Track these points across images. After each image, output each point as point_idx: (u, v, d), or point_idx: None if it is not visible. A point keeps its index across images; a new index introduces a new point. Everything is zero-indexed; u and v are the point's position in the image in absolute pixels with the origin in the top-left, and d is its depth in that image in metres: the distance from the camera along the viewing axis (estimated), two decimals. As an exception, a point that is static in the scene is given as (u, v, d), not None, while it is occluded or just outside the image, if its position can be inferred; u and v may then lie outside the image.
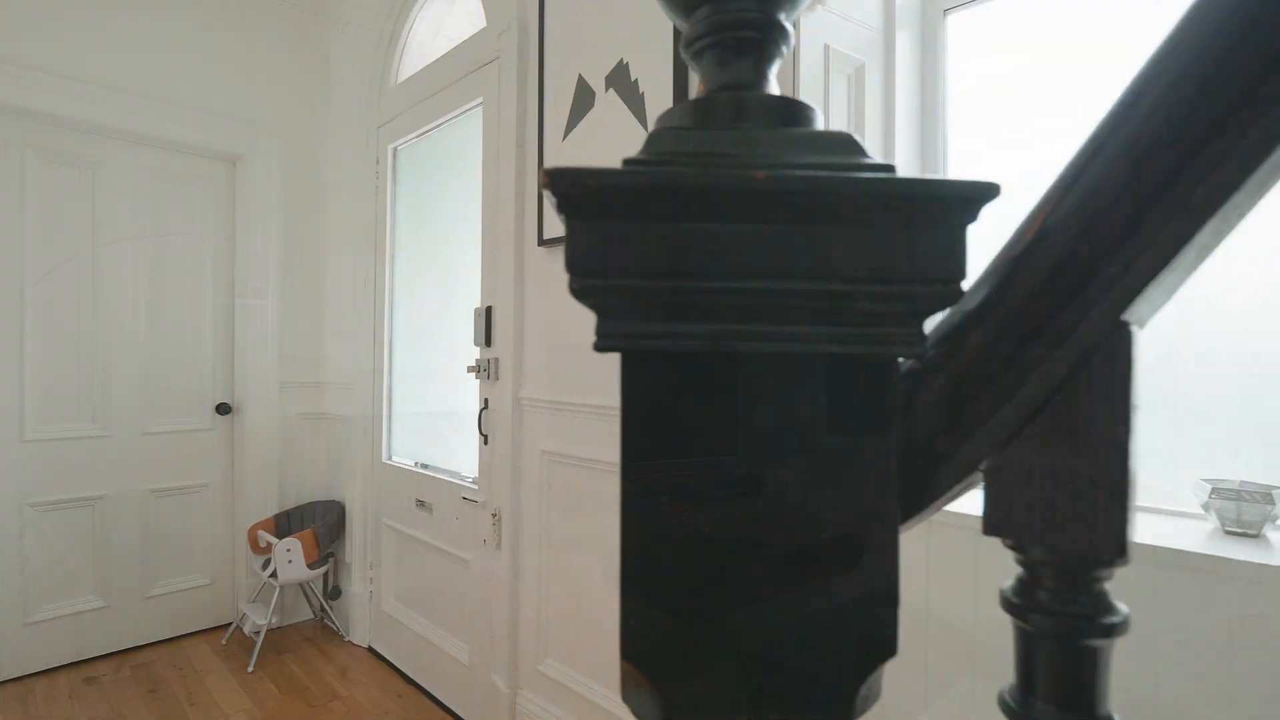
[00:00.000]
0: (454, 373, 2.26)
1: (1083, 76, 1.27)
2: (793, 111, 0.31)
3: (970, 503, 0.38)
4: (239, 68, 2.68)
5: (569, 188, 0.24)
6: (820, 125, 0.32)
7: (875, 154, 0.53)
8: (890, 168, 0.27)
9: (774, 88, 0.33)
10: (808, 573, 0.27)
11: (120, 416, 2.49)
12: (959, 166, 1.47)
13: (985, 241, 0.34)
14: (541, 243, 1.79)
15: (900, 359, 0.29)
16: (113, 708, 2.16)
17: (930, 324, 0.28)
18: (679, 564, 0.27)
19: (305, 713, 2.14)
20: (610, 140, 1.62)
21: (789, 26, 0.33)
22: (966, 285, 0.28)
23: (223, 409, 2.70)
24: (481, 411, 1.99)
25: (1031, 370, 0.30)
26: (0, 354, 2.24)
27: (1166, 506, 1.12)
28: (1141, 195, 0.27)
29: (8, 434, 2.26)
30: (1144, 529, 1.01)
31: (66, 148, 2.36)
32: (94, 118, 2.33)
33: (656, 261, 0.25)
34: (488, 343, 1.99)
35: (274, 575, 2.44)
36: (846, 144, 0.29)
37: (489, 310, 1.98)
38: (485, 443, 1.99)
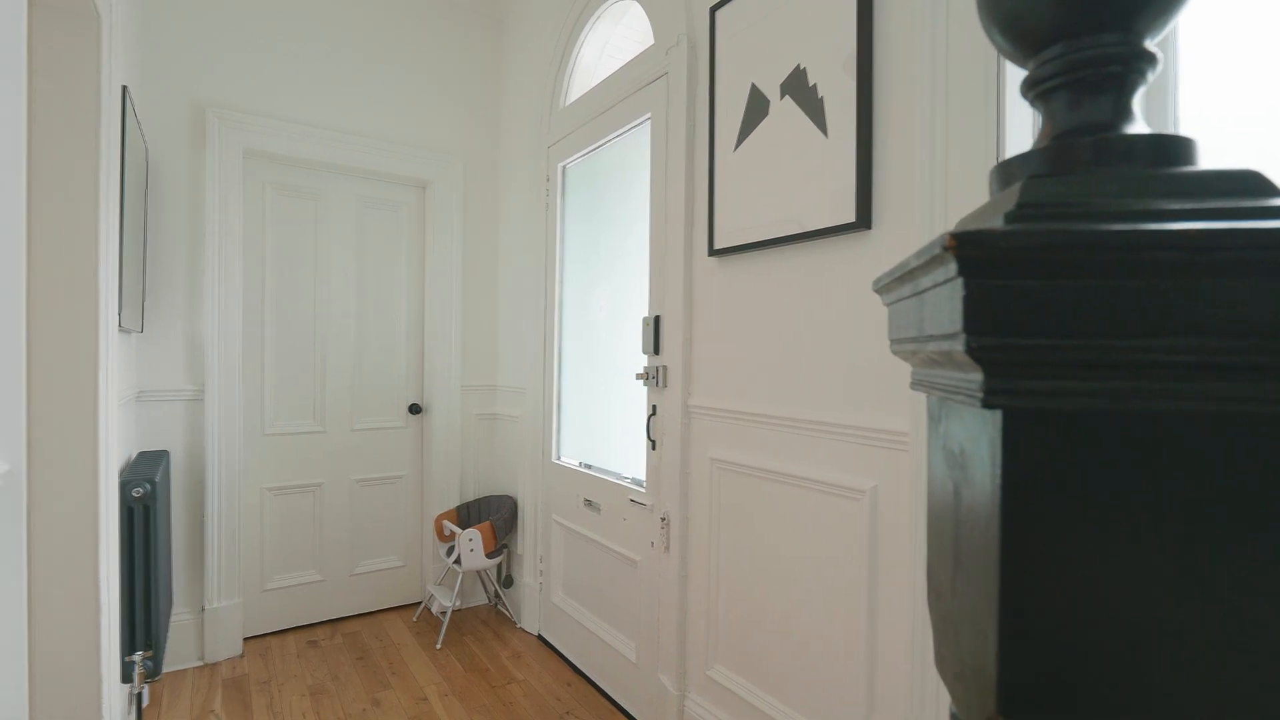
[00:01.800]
0: (620, 379, 2.35)
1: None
2: (1170, 149, 0.30)
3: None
4: (430, 104, 2.98)
5: (977, 249, 0.25)
6: (1200, 160, 0.30)
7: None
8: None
9: (1139, 122, 0.31)
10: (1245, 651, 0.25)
11: (334, 415, 2.86)
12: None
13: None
14: (713, 253, 1.81)
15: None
16: (330, 669, 2.48)
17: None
18: (1078, 642, 0.26)
19: (487, 691, 2.33)
20: (786, 148, 1.60)
21: (1156, 51, 0.31)
22: None
23: (414, 409, 3.02)
24: (650, 418, 2.05)
25: None
26: (248, 361, 2.67)
27: None
28: None
29: (253, 429, 2.68)
30: None
31: (296, 182, 2.76)
32: (318, 155, 2.70)
33: (1061, 319, 0.25)
34: (656, 351, 2.04)
35: (457, 562, 2.68)
36: (1253, 184, 0.27)
37: (657, 319, 2.04)
38: (653, 448, 2.05)
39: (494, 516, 2.85)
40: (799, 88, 1.58)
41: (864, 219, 1.41)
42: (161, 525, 1.99)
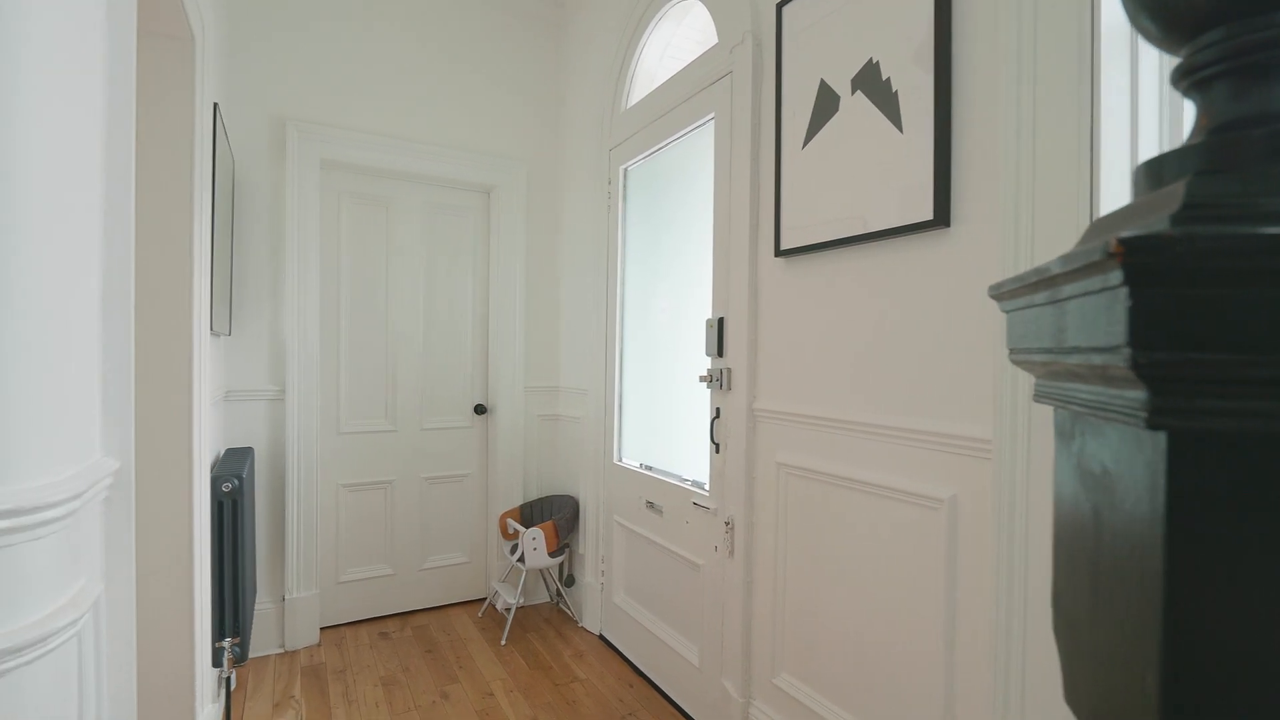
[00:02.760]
0: (681, 381, 2.34)
1: None
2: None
3: None
4: (495, 112, 3.04)
5: (1149, 256, 0.23)
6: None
7: None
8: None
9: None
10: None
11: (404, 414, 2.95)
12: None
13: None
14: (779, 253, 1.78)
15: None
16: (401, 661, 2.56)
17: None
18: (1253, 690, 0.24)
19: (551, 689, 2.35)
20: (857, 145, 1.55)
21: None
22: None
23: (479, 409, 3.09)
24: (713, 421, 2.03)
25: None
26: (325, 363, 2.79)
27: None
28: None
29: (329, 427, 2.80)
30: None
31: (369, 190, 2.87)
32: (389, 164, 2.80)
33: (1245, 332, 0.22)
34: (720, 353, 2.02)
35: (521, 560, 2.73)
36: None
37: (721, 321, 2.02)
38: (716, 451, 2.03)
39: (556, 516, 2.88)
40: (871, 82, 1.53)
41: (942, 217, 1.35)
42: (248, 518, 2.10)
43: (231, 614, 1.93)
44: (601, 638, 2.76)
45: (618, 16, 2.70)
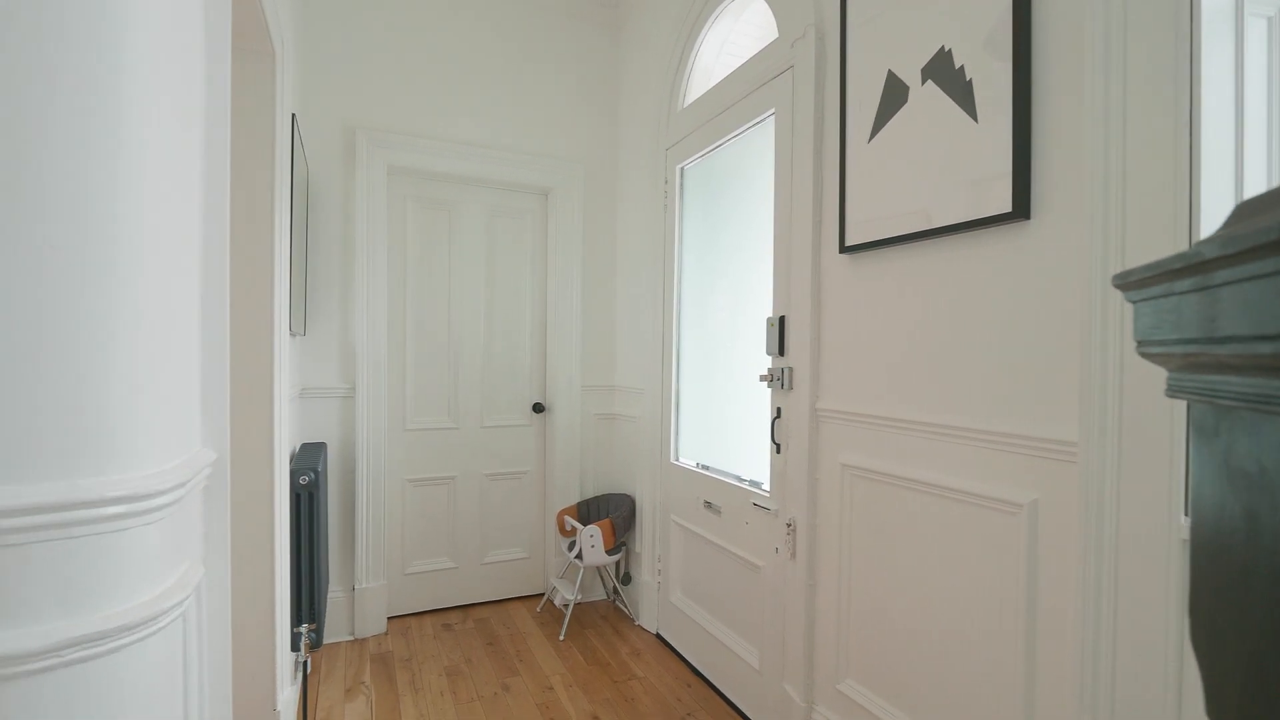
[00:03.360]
0: (739, 380, 2.31)
1: None
2: None
3: None
4: (552, 115, 3.09)
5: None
6: None
7: None
8: None
9: None
10: None
11: (466, 412, 3.03)
12: None
13: None
14: (844, 250, 1.74)
15: None
16: (463, 652, 2.62)
17: None
18: None
19: (609, 686, 2.37)
20: (927, 137, 1.51)
21: None
22: None
23: (538, 408, 3.14)
24: (774, 420, 2.00)
25: None
26: (392, 362, 2.88)
27: None
28: None
29: (396, 424, 2.90)
30: None
31: (433, 194, 2.95)
32: (452, 169, 2.87)
33: None
34: (781, 352, 1.99)
35: (579, 556, 2.75)
36: None
37: (782, 320, 1.99)
38: (777, 451, 2.00)
39: (614, 514, 2.90)
40: (943, 71, 1.48)
41: (1022, 208, 1.29)
42: (322, 510, 2.19)
43: (308, 601, 2.02)
44: (658, 636, 2.76)
45: (674, 15, 2.70)
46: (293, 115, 2.11)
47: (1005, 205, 1.32)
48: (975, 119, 1.40)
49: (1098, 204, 1.13)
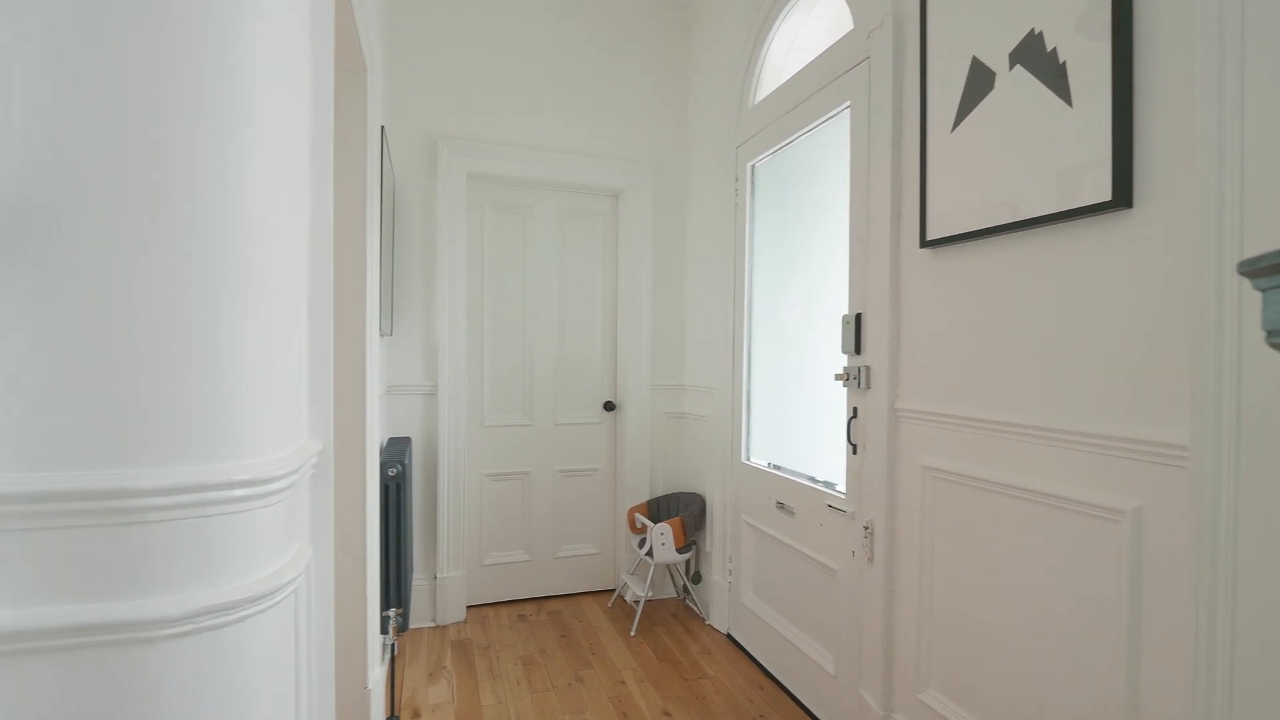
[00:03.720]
0: (813, 379, 2.28)
1: None
2: None
3: None
4: (623, 117, 3.13)
5: None
6: None
7: None
8: None
9: None
10: None
11: (540, 410, 3.11)
12: None
13: None
14: (925, 244, 1.69)
15: None
16: (538, 642, 2.70)
17: None
18: None
19: (680, 683, 2.38)
20: (1016, 124, 1.44)
21: None
22: None
23: (609, 406, 3.19)
24: (850, 420, 1.96)
25: None
26: (470, 361, 3.00)
27: None
28: None
29: (474, 421, 3.01)
30: None
31: (508, 199, 3.05)
32: (527, 173, 2.96)
33: None
34: (857, 350, 1.95)
35: (649, 554, 2.78)
36: None
37: (858, 317, 1.95)
38: (854, 452, 1.96)
39: (684, 513, 2.91)
40: (1034, 55, 1.41)
41: (1123, 196, 1.22)
42: (408, 500, 2.30)
43: (396, 587, 2.13)
44: (729, 637, 2.75)
45: (744, 13, 2.68)
46: (381, 127, 2.23)
47: (1104, 193, 1.25)
48: (1069, 103, 1.33)
49: (1212, 188, 1.06)
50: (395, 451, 2.30)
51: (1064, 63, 1.35)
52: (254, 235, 0.81)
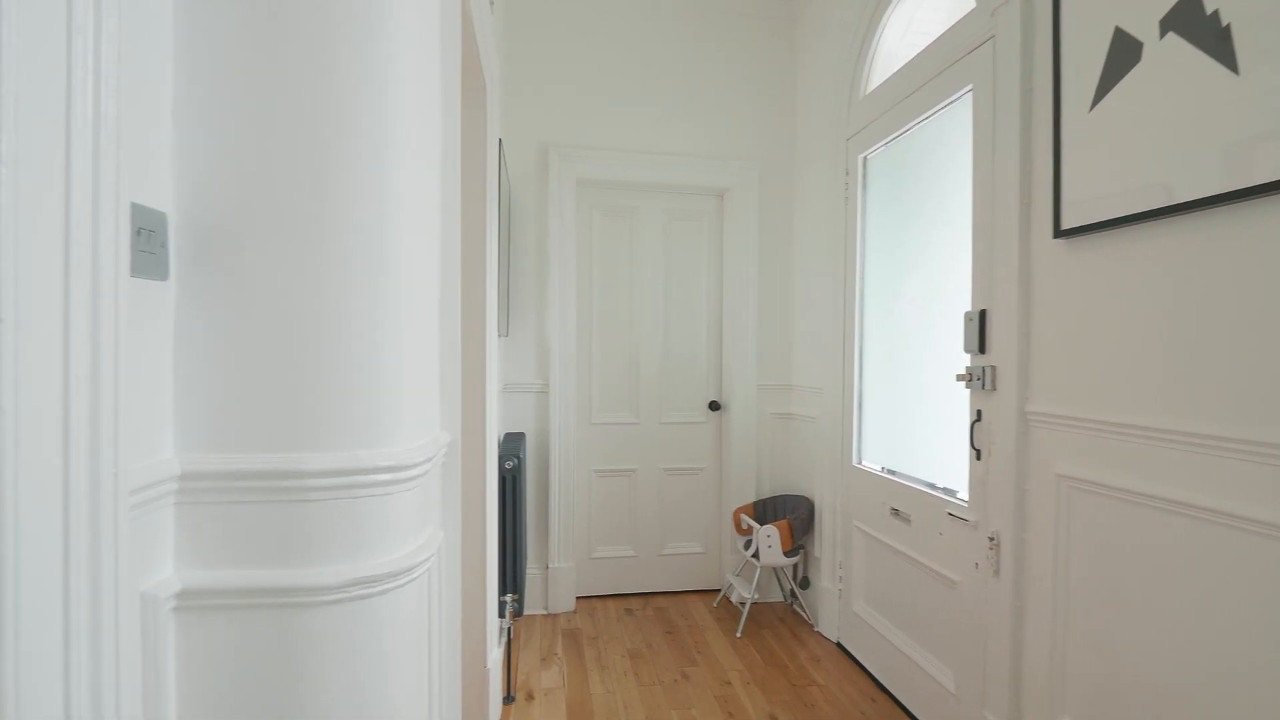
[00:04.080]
0: (931, 379, 2.16)
1: None
2: None
3: None
4: (728, 116, 3.13)
5: None
6: None
7: None
8: None
9: None
10: None
11: (646, 408, 3.17)
12: None
13: None
14: (1059, 234, 1.56)
15: None
16: (644, 637, 2.75)
17: None
18: None
19: (788, 688, 2.34)
20: (1168, 97, 1.30)
21: None
22: None
23: (714, 406, 3.19)
24: (973, 424, 1.85)
25: None
26: (580, 360, 3.11)
27: None
28: None
29: (583, 418, 3.12)
30: None
31: (615, 202, 3.13)
32: (633, 177, 3.03)
33: None
34: (981, 349, 1.83)
35: (755, 555, 2.75)
36: None
37: (982, 314, 1.83)
38: (978, 458, 1.84)
39: (791, 515, 2.86)
40: (1189, 19, 1.27)
41: (1305, 172, 1.07)
42: (523, 492, 2.43)
43: (512, 573, 2.25)
44: (839, 645, 2.67)
45: (854, 2, 2.59)
46: (499, 140, 2.36)
47: (1277, 172, 1.10)
48: (1236, 70, 1.18)
49: None
50: (511, 446, 2.44)
51: (1227, 25, 1.20)
52: (400, 248, 0.90)
